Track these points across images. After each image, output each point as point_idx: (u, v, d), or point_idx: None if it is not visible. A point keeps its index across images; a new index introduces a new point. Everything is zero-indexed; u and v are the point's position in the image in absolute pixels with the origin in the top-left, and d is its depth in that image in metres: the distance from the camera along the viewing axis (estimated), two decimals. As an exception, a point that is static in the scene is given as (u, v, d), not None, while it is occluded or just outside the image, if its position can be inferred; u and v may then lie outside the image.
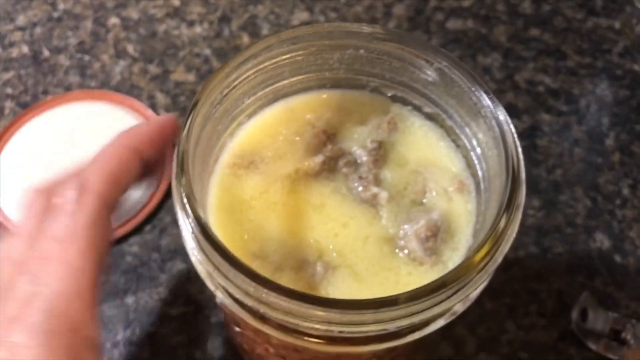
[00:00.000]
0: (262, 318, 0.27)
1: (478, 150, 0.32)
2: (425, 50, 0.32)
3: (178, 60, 0.60)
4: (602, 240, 0.52)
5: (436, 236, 0.31)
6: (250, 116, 0.35)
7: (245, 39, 0.61)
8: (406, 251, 0.30)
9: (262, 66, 0.32)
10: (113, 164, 0.31)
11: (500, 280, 0.50)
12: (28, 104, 0.58)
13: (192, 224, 0.26)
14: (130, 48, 0.61)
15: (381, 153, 0.33)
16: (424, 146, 0.34)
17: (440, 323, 0.28)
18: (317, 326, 0.25)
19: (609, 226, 0.52)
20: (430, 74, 0.32)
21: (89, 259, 0.28)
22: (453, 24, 0.64)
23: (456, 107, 0.33)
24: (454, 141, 0.34)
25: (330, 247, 0.31)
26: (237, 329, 0.33)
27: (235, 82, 0.32)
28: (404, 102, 0.35)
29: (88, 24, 0.63)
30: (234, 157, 0.33)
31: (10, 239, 0.30)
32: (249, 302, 0.26)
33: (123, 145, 0.32)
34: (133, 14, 0.63)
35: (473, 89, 0.30)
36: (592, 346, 0.47)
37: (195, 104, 0.29)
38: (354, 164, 0.33)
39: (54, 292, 0.27)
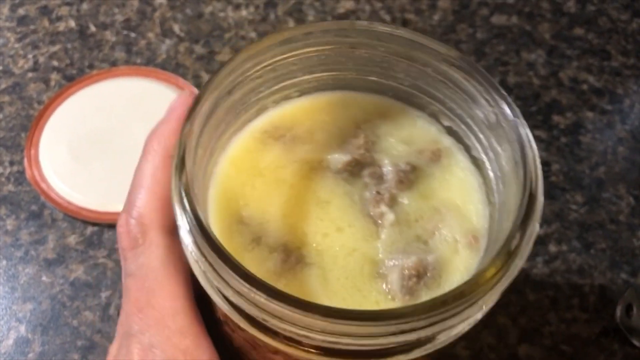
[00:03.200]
0: (263, 327, 0.25)
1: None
2: (491, 88, 0.29)
3: (224, 42, 0.60)
4: (645, 239, 0.52)
5: (420, 278, 0.28)
6: (304, 93, 0.34)
7: (291, 24, 0.62)
8: (385, 281, 0.29)
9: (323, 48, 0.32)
10: (158, 186, 0.31)
11: (542, 272, 0.50)
12: (74, 77, 0.58)
13: (190, 221, 0.25)
14: (176, 27, 0.61)
15: (410, 177, 0.31)
16: (457, 190, 0.31)
17: (435, 345, 0.26)
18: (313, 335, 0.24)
19: (653, 225, 0.52)
20: (489, 117, 0.30)
21: (179, 296, 0.29)
22: (497, 19, 0.64)
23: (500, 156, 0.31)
24: (487, 196, 0.31)
25: (314, 244, 0.29)
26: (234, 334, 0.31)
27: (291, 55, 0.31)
28: (457, 137, 0.33)
29: (134, 2, 0.63)
30: (270, 125, 0.33)
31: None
32: (244, 306, 0.24)
33: (159, 155, 0.31)
34: (179, -6, 0.64)
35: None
36: (637, 343, 0.46)
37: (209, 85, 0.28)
38: (378, 178, 0.31)
39: (161, 340, 0.28)
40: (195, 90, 0.55)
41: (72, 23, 0.62)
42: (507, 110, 0.29)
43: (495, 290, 0.25)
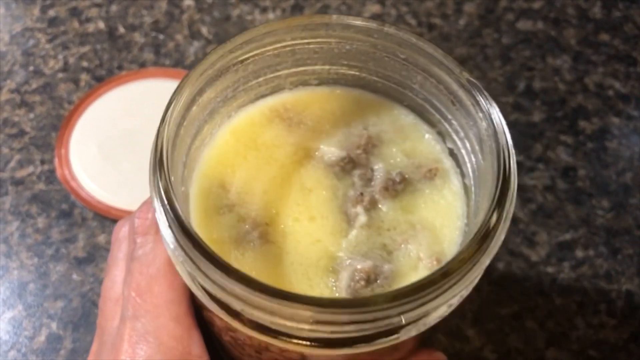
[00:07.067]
0: (241, 318, 0.26)
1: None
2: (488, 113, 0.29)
3: (251, 44, 0.61)
4: (673, 245, 0.52)
5: (369, 283, 0.28)
6: (322, 83, 0.34)
7: (318, 27, 0.62)
8: (335, 277, 0.29)
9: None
10: None
11: (569, 277, 0.50)
12: (103, 77, 0.59)
13: (170, 219, 0.25)
14: (204, 30, 0.62)
15: (397, 188, 0.31)
16: (440, 212, 0.31)
17: (419, 327, 0.26)
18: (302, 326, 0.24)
19: (680, 231, 0.52)
20: (487, 131, 0.29)
21: (177, 288, 0.30)
22: (523, 24, 0.64)
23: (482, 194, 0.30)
24: (465, 225, 0.31)
25: (282, 225, 0.30)
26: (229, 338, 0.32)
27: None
28: (457, 162, 0.32)
29: (163, 4, 0.64)
30: (282, 105, 0.33)
31: (107, 278, 0.33)
32: (227, 300, 0.25)
33: None
34: (206, -3, 0.64)
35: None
36: (664, 348, 0.46)
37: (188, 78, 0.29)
38: (367, 180, 0.32)
39: (156, 328, 0.29)
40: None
41: (101, 24, 0.62)
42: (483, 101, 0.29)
43: (477, 268, 0.25)
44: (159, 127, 0.27)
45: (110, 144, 0.55)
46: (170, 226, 0.26)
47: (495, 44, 0.63)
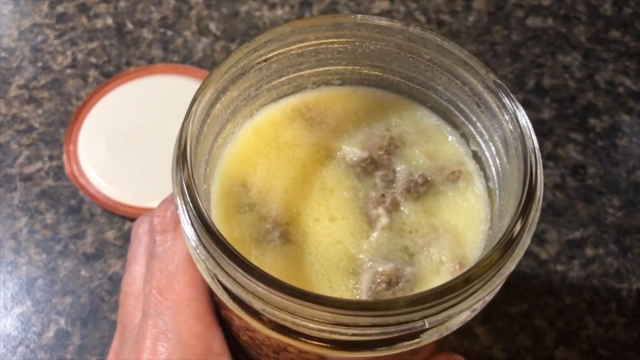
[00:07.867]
0: (262, 317, 0.25)
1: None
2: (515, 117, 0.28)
3: (259, 41, 0.60)
4: (684, 244, 0.51)
5: (390, 286, 0.28)
6: (345, 83, 0.34)
7: (326, 23, 0.62)
8: (356, 279, 0.29)
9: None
10: None
11: (579, 275, 0.49)
12: (111, 73, 0.59)
13: (192, 215, 0.25)
14: (212, 26, 0.62)
15: (420, 190, 0.31)
16: (463, 215, 0.31)
17: (449, 328, 0.26)
18: (321, 327, 0.24)
19: (691, 230, 0.52)
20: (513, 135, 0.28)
21: (198, 284, 0.30)
22: (533, 21, 0.64)
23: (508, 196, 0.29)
24: (489, 229, 0.31)
25: (303, 226, 0.30)
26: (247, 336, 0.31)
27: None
28: (481, 165, 0.32)
29: (171, 0, 0.63)
30: (304, 104, 0.33)
31: (127, 274, 0.33)
32: (247, 299, 0.24)
33: None
34: (215, -7, 0.64)
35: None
36: (675, 348, 0.46)
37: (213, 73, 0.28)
38: (389, 182, 0.31)
39: (176, 325, 0.29)
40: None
41: (109, 20, 0.62)
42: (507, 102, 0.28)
43: (501, 274, 0.25)
44: (184, 122, 0.27)
45: (118, 140, 0.55)
46: (192, 223, 0.25)
47: (505, 40, 0.62)
